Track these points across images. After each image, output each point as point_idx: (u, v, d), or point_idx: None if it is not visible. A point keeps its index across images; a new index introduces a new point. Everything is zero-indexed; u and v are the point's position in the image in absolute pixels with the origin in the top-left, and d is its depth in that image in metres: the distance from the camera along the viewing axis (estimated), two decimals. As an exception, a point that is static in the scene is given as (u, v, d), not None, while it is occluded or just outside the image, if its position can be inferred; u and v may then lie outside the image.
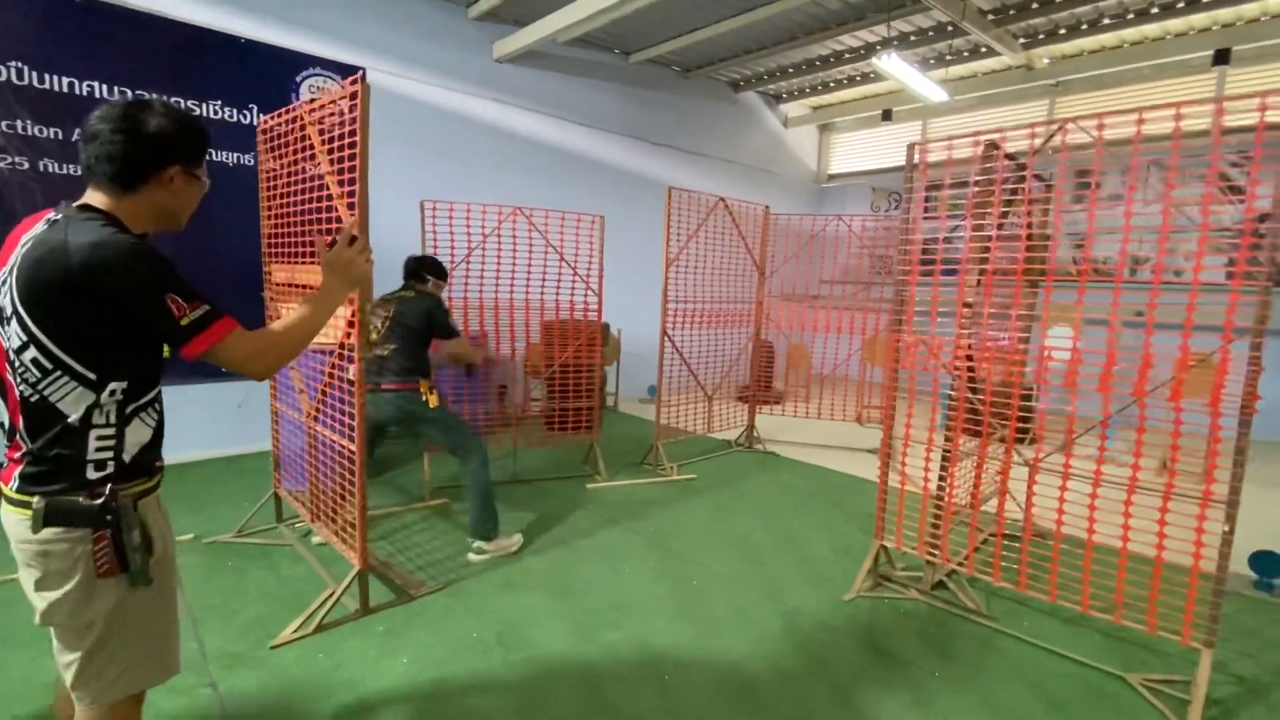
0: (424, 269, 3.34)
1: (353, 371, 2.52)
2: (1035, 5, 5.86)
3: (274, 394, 3.37)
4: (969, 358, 2.73)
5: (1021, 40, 6.56)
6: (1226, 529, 2.09)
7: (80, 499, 1.15)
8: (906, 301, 2.80)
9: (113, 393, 1.17)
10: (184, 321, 1.15)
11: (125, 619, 1.21)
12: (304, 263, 2.79)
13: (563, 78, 6.62)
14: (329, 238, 1.43)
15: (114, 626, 1.20)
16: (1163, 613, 2.25)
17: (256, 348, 1.26)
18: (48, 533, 1.14)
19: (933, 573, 2.93)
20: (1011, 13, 5.97)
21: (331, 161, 2.60)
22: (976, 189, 2.60)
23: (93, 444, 1.17)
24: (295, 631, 2.45)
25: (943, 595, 2.88)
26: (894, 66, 5.30)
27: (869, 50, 6.92)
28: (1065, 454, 2.41)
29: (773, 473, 4.86)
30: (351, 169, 2.45)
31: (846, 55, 7.22)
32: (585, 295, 4.34)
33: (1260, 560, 3.03)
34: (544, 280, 4.25)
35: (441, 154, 5.69)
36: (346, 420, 2.62)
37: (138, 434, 1.23)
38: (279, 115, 2.99)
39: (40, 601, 1.18)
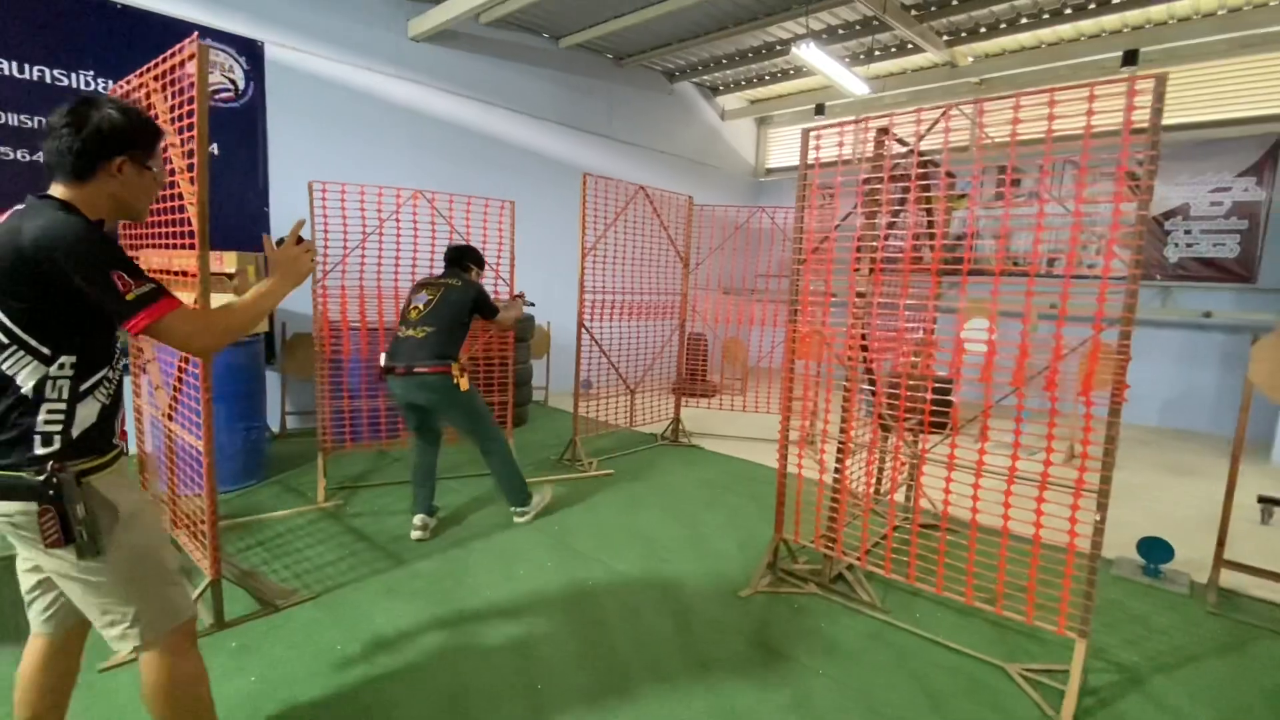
0: (468, 258, 3.44)
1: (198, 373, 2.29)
2: (955, 2, 5.94)
3: (136, 392, 3.09)
4: (864, 348, 2.68)
5: (945, 37, 6.65)
6: (1098, 518, 2.08)
7: (25, 474, 1.23)
8: (801, 292, 2.73)
9: (62, 365, 1.24)
10: (129, 296, 1.23)
11: (111, 571, 1.32)
12: (179, 246, 2.48)
13: (488, 60, 6.38)
14: (275, 237, 1.53)
15: (116, 574, 1.32)
16: (1041, 603, 2.24)
17: (197, 325, 1.35)
18: (3, 506, 1.23)
19: (831, 566, 2.88)
20: (933, 9, 6.04)
21: (177, 132, 2.35)
22: (867, 177, 2.54)
23: (42, 417, 1.24)
24: (132, 651, 2.20)
25: (841, 589, 2.84)
26: (814, 57, 5.27)
27: (800, 43, 6.91)
28: (950, 445, 2.38)
29: (693, 467, 4.78)
30: (191, 139, 2.21)
31: (778, 47, 7.20)
32: (495, 284, 4.15)
33: (1148, 545, 3.10)
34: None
35: (352, 135, 5.39)
36: (194, 419, 2.38)
37: (88, 410, 1.30)
38: (127, 83, 2.71)
39: (52, 563, 1.30)
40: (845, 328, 2.66)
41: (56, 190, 1.29)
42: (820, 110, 8.58)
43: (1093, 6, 5.85)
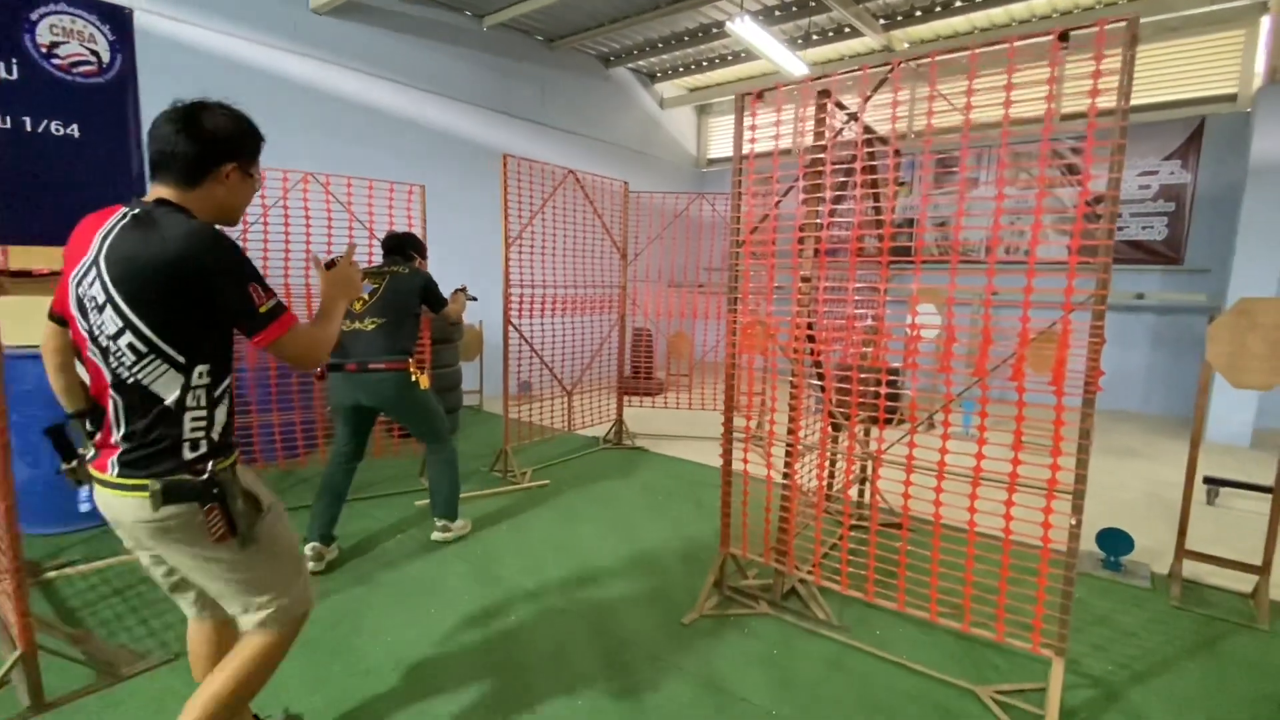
0: (410, 246, 3.10)
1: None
2: (891, -18, 5.80)
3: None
4: (810, 338, 2.40)
5: (882, 21, 6.53)
6: (1074, 522, 1.85)
7: (187, 477, 1.27)
8: (740, 278, 2.43)
9: (200, 375, 1.29)
10: (262, 309, 1.28)
11: (260, 559, 1.38)
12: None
13: (403, 37, 5.87)
14: (328, 257, 1.64)
15: (261, 563, 1.39)
16: (1011, 617, 2.01)
17: (311, 341, 1.39)
18: (164, 510, 1.25)
19: (783, 581, 2.60)
20: (869, -12, 5.89)
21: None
22: (810, 148, 2.25)
23: (188, 426, 1.29)
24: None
25: (794, 606, 2.56)
26: (748, 31, 5.01)
27: (735, 17, 6.67)
28: (909, 445, 2.12)
29: (637, 471, 4.45)
30: None
31: (714, 30, 6.94)
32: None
33: (1108, 537, 2.95)
34: (370, 262, 3.57)
35: (252, 116, 4.81)
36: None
37: (221, 414, 1.35)
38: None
39: (192, 562, 1.35)
40: (790, 317, 2.37)
41: (165, 193, 1.28)
42: (760, 97, 8.35)
43: (1025, -11, 5.82)
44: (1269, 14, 5.75)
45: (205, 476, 1.28)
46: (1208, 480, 3.92)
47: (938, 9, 6.27)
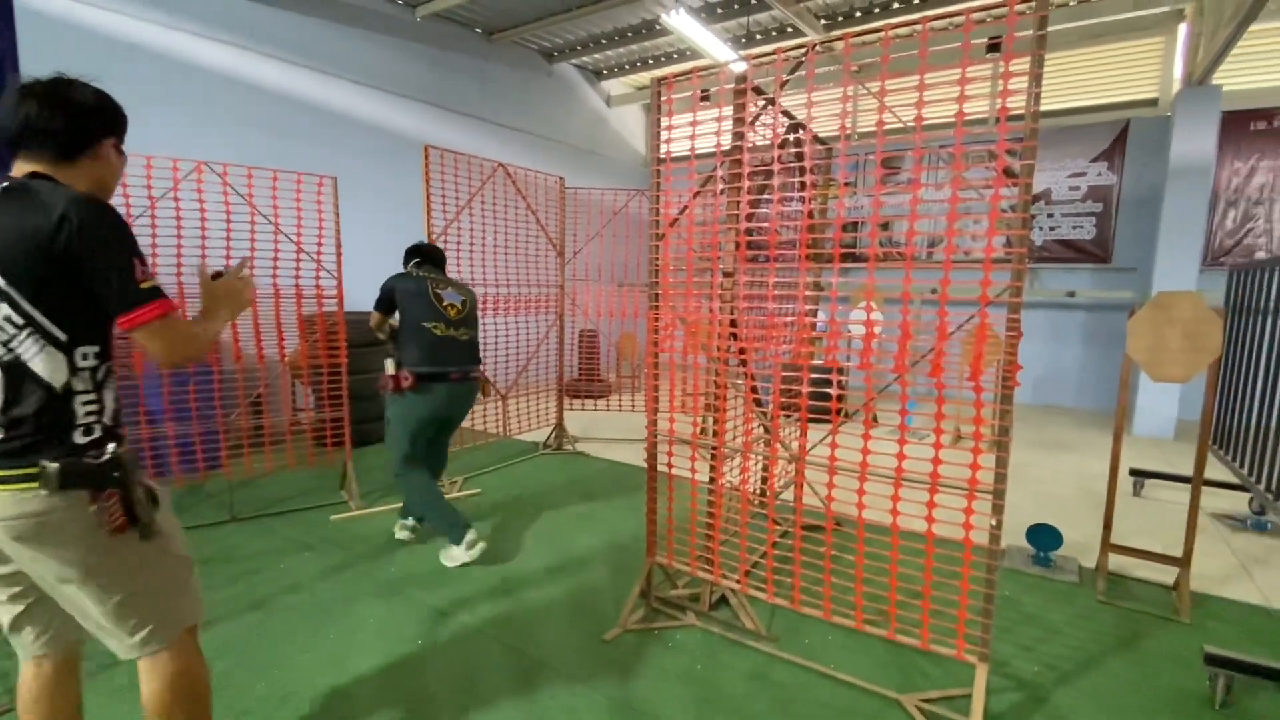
0: (440, 256, 3.15)
1: None
2: (830, -20, 5.81)
3: None
4: (734, 335, 2.29)
5: (823, 20, 6.55)
6: (994, 523, 1.78)
7: (85, 460, 1.21)
8: (661, 272, 2.31)
9: (85, 357, 1.23)
10: (143, 285, 1.21)
11: (150, 563, 1.30)
12: None
13: (326, 24, 5.56)
14: (213, 270, 1.46)
15: (147, 572, 1.30)
16: (936, 623, 1.94)
17: (188, 336, 1.30)
18: (43, 503, 1.17)
19: (711, 590, 2.49)
20: (808, -14, 5.88)
21: None
22: (731, 135, 2.15)
23: (80, 410, 1.22)
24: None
25: (722, 615, 2.45)
26: (683, 24, 4.93)
27: (670, 11, 6.59)
28: (831, 445, 2.03)
29: (574, 478, 4.29)
30: None
31: (657, 26, 6.84)
32: (318, 275, 3.45)
33: (1037, 533, 2.94)
34: (275, 260, 3.31)
35: (150, 105, 4.46)
36: None
37: (110, 397, 1.29)
38: None
39: (68, 571, 1.22)
40: (714, 314, 2.26)
41: (37, 167, 1.23)
42: (706, 97, 8.31)
43: (959, -8, 5.90)
44: (1185, 22, 5.98)
45: (105, 459, 1.22)
46: (1133, 472, 4.00)
47: (876, 10, 6.32)
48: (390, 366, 2.84)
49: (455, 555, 2.83)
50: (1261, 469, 3.02)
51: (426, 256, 3.07)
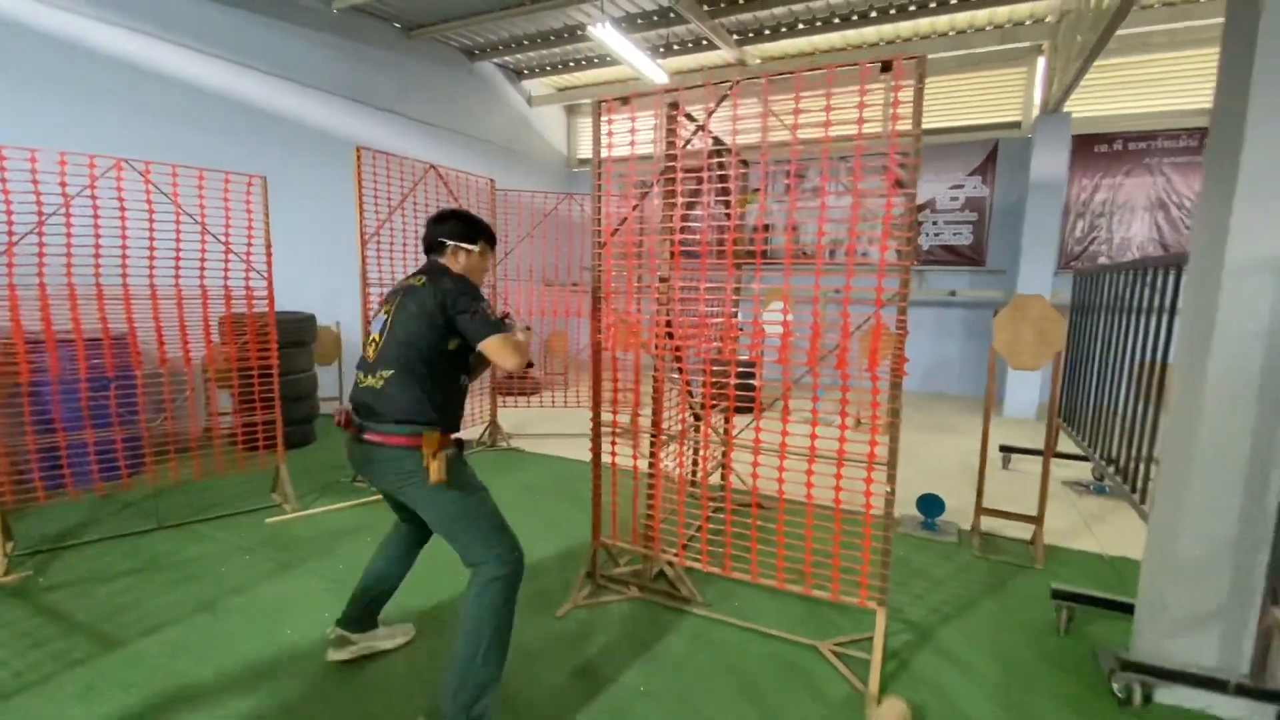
0: (445, 230, 2.08)
1: None
2: (741, 1, 6.20)
3: None
4: (669, 334, 2.55)
5: (735, 36, 6.96)
6: (889, 490, 2.15)
7: None
8: (603, 278, 2.53)
9: None
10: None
11: None
12: None
13: (243, 15, 5.33)
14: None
15: None
16: (844, 578, 2.29)
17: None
18: None
19: (650, 565, 2.74)
20: (722, 5, 6.25)
21: None
22: (663, 155, 2.40)
23: None
24: None
25: (662, 587, 2.71)
26: (609, 37, 5.16)
27: (596, 23, 6.80)
28: (755, 428, 2.34)
29: (512, 472, 4.43)
30: None
31: (580, 32, 7.02)
32: (248, 278, 3.40)
33: (925, 502, 3.42)
34: (202, 261, 3.21)
35: (50, 96, 4.16)
36: None
37: None
38: None
39: None
40: (650, 315, 2.51)
41: None
42: (626, 102, 8.56)
43: (855, 19, 6.48)
44: (1043, 56, 6.87)
45: None
46: (1002, 449, 4.65)
47: (783, 29, 6.81)
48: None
49: None
50: (1099, 442, 3.65)
51: (426, 239, 2.10)
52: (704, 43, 7.09)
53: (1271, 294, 1.84)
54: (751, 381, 2.52)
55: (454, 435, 1.91)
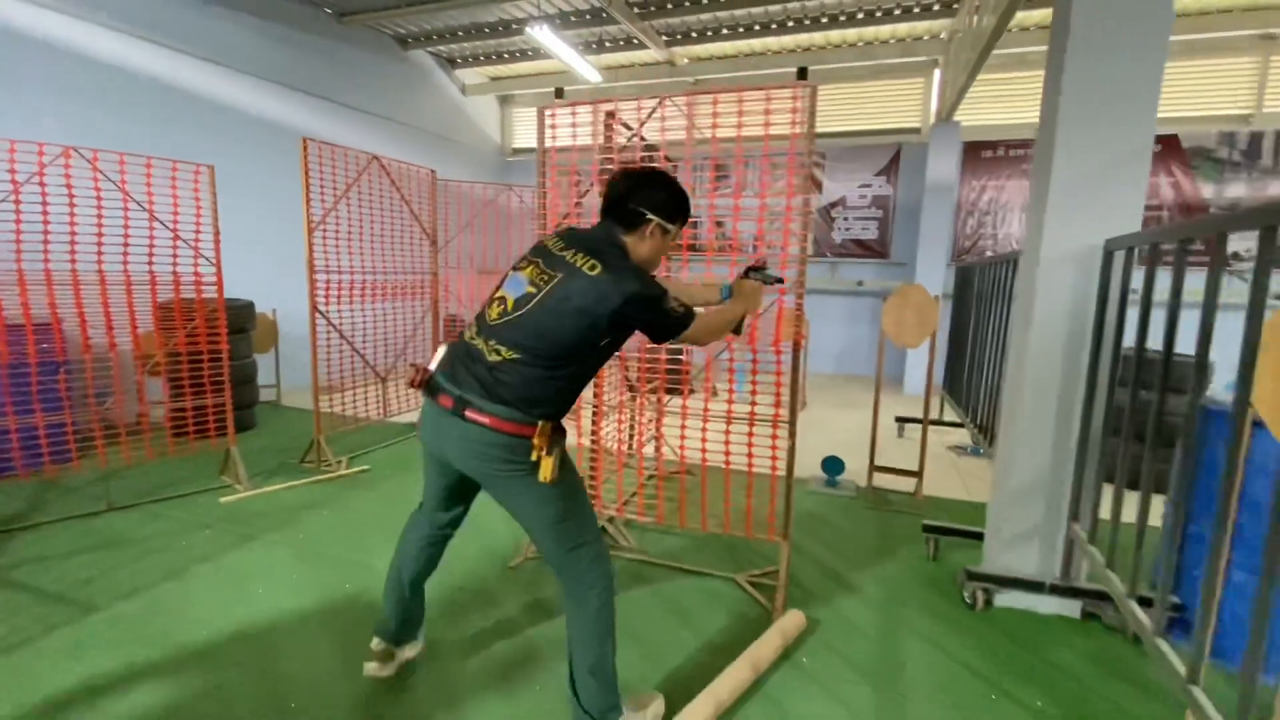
0: (637, 197, 1.71)
1: None
2: (670, 5, 6.57)
3: None
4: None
5: (664, 37, 7.33)
6: (790, 444, 2.60)
7: None
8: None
9: None
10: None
11: None
12: None
13: (161, -5, 5.22)
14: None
15: None
16: (755, 520, 2.74)
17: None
18: None
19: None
20: (652, 8, 6.60)
21: None
22: (600, 159, 2.74)
23: None
24: None
25: (604, 539, 3.08)
26: (546, 38, 5.41)
27: (533, 23, 7.00)
28: (683, 398, 2.74)
29: (457, 451, 4.67)
30: None
31: (514, 25, 7.19)
32: (197, 263, 3.49)
33: (827, 463, 3.95)
34: (151, 248, 3.26)
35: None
36: None
37: None
38: None
39: None
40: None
41: None
42: (560, 94, 8.81)
43: (774, 27, 6.99)
44: (938, 69, 7.62)
45: None
46: (897, 419, 5.29)
47: (709, 34, 7.24)
48: (440, 354, 1.76)
49: None
50: (973, 411, 4.30)
51: (604, 196, 1.75)
52: (635, 42, 7.43)
53: (1072, 280, 2.39)
54: (680, 358, 2.92)
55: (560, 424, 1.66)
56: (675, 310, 1.64)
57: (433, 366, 1.71)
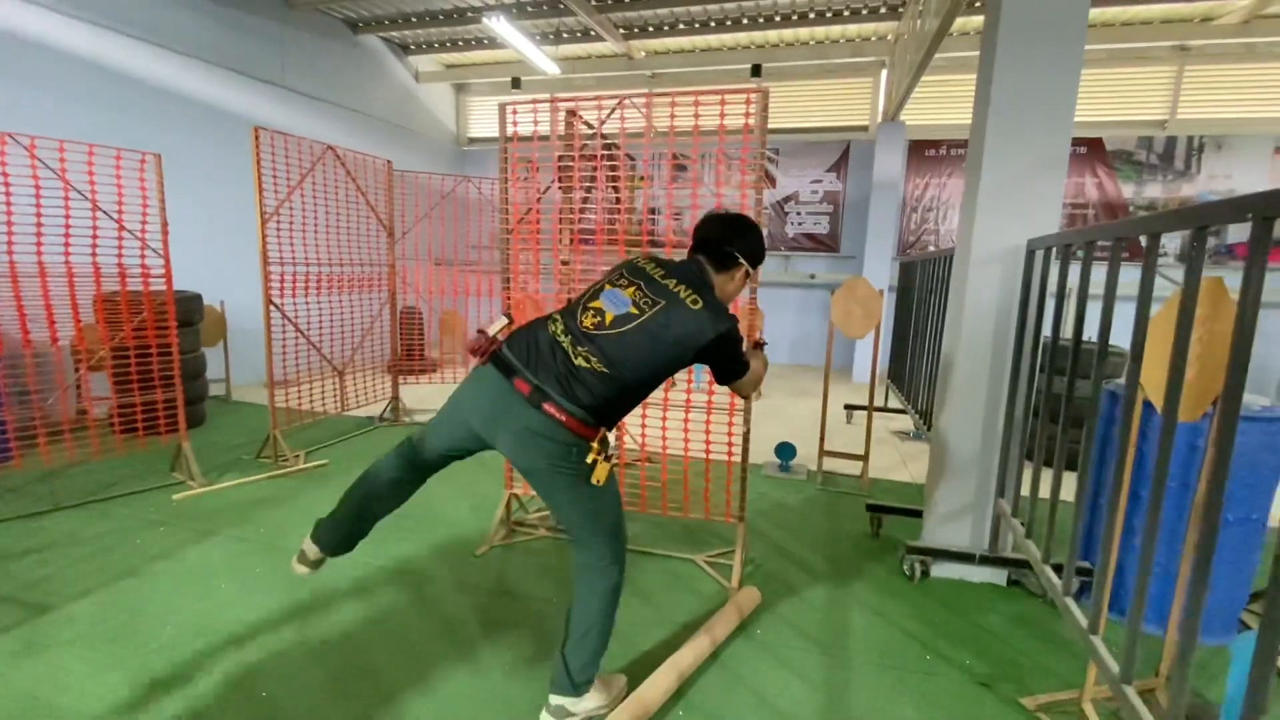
0: (738, 241, 1.86)
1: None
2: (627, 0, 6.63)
3: None
4: (570, 311, 2.99)
5: (621, 30, 7.38)
6: (745, 430, 2.75)
7: None
8: (511, 261, 2.91)
9: None
10: None
11: None
12: None
13: (92, -30, 4.97)
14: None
15: None
16: (713, 504, 2.88)
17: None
18: None
19: (557, 510, 3.20)
20: (609, 1, 6.64)
21: None
22: (561, 154, 2.81)
23: None
24: None
25: (567, 528, 3.18)
26: (504, 30, 5.40)
27: (490, 14, 6.93)
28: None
29: (417, 444, 4.67)
30: None
31: (469, 14, 7.11)
32: (144, 256, 3.40)
33: (780, 449, 4.14)
34: (94, 238, 3.15)
35: None
36: None
37: None
38: None
39: None
40: (554, 294, 2.93)
41: None
42: (516, 84, 8.76)
43: (728, 23, 7.13)
44: (885, 70, 7.91)
45: None
46: (847, 406, 5.55)
47: (665, 28, 7.32)
48: (499, 324, 1.82)
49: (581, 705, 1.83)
50: (914, 398, 4.55)
51: (698, 235, 1.91)
52: (592, 34, 7.44)
53: (999, 277, 2.60)
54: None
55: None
56: (744, 358, 1.81)
57: (499, 337, 1.72)
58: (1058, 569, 2.10)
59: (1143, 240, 1.56)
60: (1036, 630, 2.45)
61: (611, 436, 3.53)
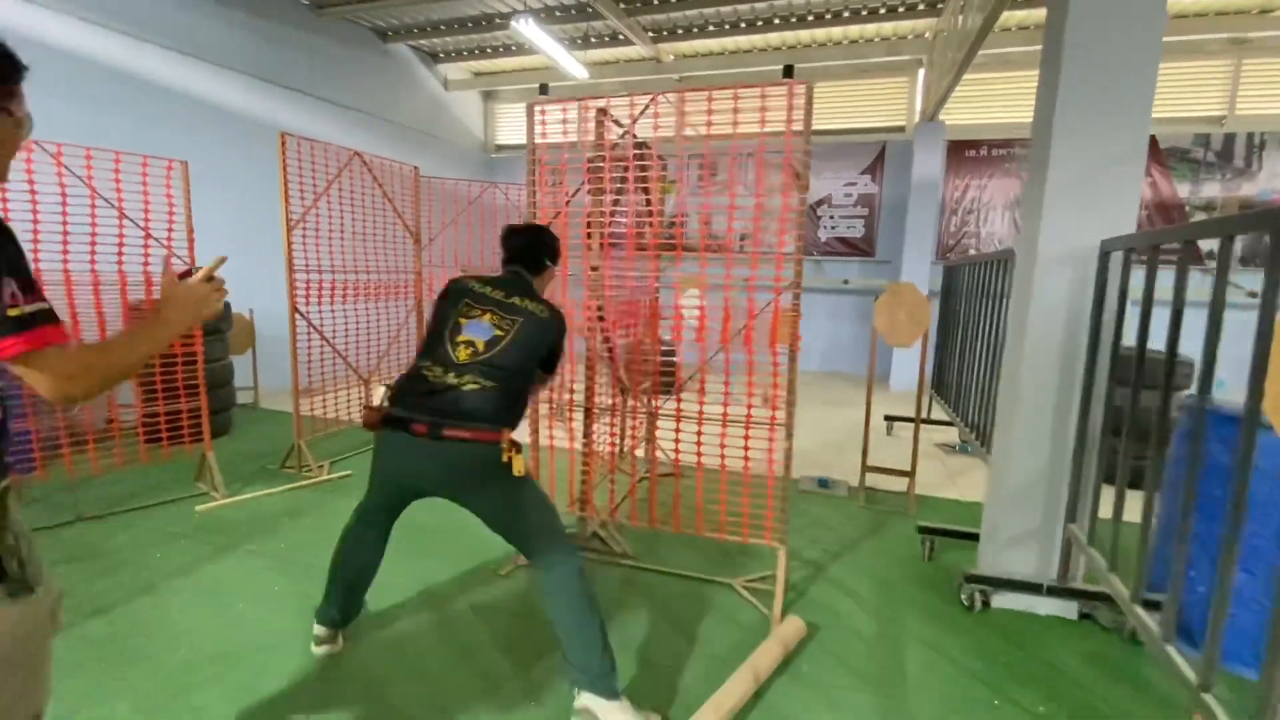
0: (544, 250, 2.27)
1: None
2: (656, 1, 6.51)
3: None
4: (600, 318, 2.84)
5: (650, 34, 7.27)
6: (787, 447, 2.56)
7: None
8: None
9: None
10: (12, 313, 0.92)
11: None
12: None
13: (129, -17, 5.03)
14: (181, 268, 1.19)
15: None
16: (753, 525, 2.70)
17: (80, 366, 1.00)
18: None
19: (585, 526, 3.04)
20: (638, 4, 6.53)
21: None
22: (591, 156, 2.67)
23: None
24: None
25: (596, 545, 3.02)
26: (532, 33, 5.32)
27: (518, 17, 6.88)
28: (676, 400, 2.68)
29: (442, 454, 4.57)
30: None
31: (498, 20, 7.07)
32: (171, 261, 3.35)
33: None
34: (121, 246, 3.12)
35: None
36: None
37: None
38: None
39: None
40: (582, 300, 2.79)
41: None
42: (544, 90, 8.70)
43: (760, 24, 6.96)
44: (923, 69, 7.65)
45: None
46: (887, 418, 5.29)
47: (695, 30, 7.19)
48: (379, 394, 2.05)
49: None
50: (963, 409, 4.30)
51: (510, 248, 2.23)
52: (621, 38, 7.35)
53: (1069, 280, 2.38)
54: (673, 359, 2.87)
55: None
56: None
57: (385, 405, 1.91)
58: (1146, 605, 1.87)
59: (1238, 242, 1.35)
60: (1115, 671, 2.21)
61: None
